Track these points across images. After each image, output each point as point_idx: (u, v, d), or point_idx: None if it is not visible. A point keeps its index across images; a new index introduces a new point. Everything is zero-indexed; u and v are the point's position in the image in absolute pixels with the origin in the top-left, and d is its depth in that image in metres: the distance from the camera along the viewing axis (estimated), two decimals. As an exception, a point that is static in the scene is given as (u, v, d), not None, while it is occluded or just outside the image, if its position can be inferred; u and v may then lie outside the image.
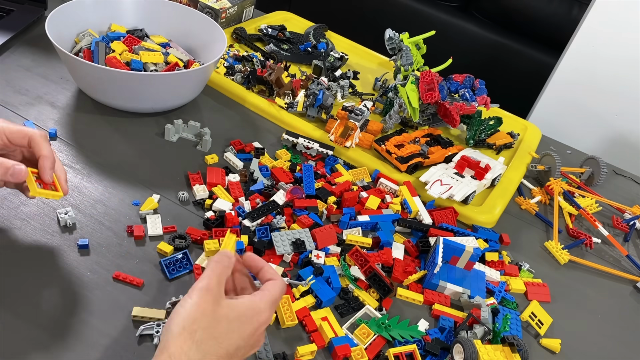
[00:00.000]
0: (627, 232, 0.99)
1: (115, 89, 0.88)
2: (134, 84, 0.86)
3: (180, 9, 1.06)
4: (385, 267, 0.77)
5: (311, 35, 1.31)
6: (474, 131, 1.07)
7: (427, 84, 0.97)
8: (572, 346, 0.74)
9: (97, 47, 0.92)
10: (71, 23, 0.96)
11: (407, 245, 0.80)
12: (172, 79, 0.89)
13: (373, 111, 1.09)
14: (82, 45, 0.95)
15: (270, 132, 0.99)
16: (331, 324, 0.66)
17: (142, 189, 0.79)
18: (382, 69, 1.30)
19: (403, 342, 0.67)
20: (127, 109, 0.93)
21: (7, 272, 0.63)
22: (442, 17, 2.15)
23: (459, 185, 0.89)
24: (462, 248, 0.73)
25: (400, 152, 0.95)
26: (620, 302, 0.85)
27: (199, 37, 1.04)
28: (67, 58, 0.85)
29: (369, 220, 0.81)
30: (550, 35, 2.03)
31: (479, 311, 0.71)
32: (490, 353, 0.64)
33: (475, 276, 0.76)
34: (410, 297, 0.74)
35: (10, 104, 0.88)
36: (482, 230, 0.87)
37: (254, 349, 0.53)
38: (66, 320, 0.60)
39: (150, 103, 0.91)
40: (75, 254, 0.67)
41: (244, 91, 1.05)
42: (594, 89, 1.56)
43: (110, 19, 1.03)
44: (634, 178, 1.17)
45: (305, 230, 0.76)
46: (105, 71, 0.85)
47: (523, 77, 2.05)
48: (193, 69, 0.92)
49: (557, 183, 1.01)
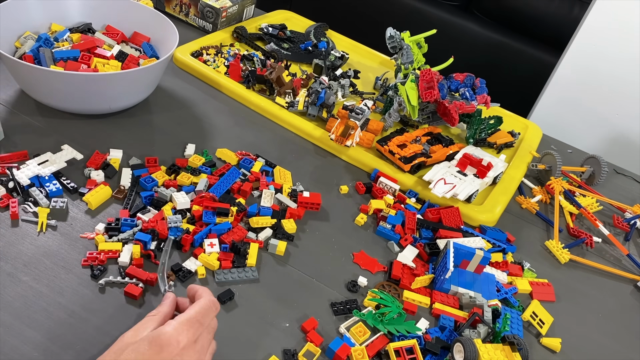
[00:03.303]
0: (627, 231, 0.99)
1: (74, 92, 0.84)
2: (92, 85, 0.83)
3: (126, 4, 1.02)
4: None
5: (312, 34, 1.31)
6: (474, 130, 1.07)
7: (427, 83, 0.97)
8: (572, 345, 0.74)
9: (44, 54, 0.88)
10: (9, 24, 0.90)
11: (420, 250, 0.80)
12: (131, 77, 0.85)
13: (374, 110, 1.09)
14: (26, 50, 0.90)
15: (270, 131, 0.99)
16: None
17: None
18: (382, 67, 1.30)
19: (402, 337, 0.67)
20: (82, 111, 0.89)
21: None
22: (443, 16, 2.15)
23: (462, 184, 0.89)
24: (473, 252, 0.73)
25: (403, 152, 0.95)
26: (620, 302, 0.85)
27: (150, 32, 1.02)
28: (17, 66, 0.81)
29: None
30: (551, 34, 2.03)
31: (481, 311, 0.71)
32: (491, 352, 0.64)
33: (485, 279, 0.76)
34: (417, 300, 0.74)
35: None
36: (490, 230, 0.87)
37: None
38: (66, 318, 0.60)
39: (107, 104, 0.88)
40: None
41: (245, 90, 1.05)
42: (594, 88, 1.56)
43: (51, 18, 0.98)
44: (634, 177, 1.17)
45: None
46: (64, 75, 0.81)
47: (524, 76, 2.04)
48: (149, 65, 0.87)
49: (558, 182, 1.01)
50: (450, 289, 0.74)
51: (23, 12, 0.93)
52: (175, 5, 1.26)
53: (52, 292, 0.63)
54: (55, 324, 0.60)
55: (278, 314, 0.67)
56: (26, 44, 0.91)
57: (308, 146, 0.99)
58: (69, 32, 0.98)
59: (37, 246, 0.68)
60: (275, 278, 0.72)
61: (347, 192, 0.90)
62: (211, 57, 1.13)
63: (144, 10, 1.01)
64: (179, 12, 1.26)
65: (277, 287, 0.71)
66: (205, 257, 0.70)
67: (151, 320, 0.54)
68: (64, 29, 0.98)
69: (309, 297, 0.71)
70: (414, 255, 0.79)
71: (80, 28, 1.00)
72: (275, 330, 0.66)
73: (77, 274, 0.66)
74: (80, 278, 0.65)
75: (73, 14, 1.01)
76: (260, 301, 0.68)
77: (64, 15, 0.99)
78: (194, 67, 1.09)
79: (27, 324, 0.59)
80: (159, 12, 1.00)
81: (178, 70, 1.10)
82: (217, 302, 0.58)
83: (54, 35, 0.96)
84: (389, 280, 0.76)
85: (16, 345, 0.57)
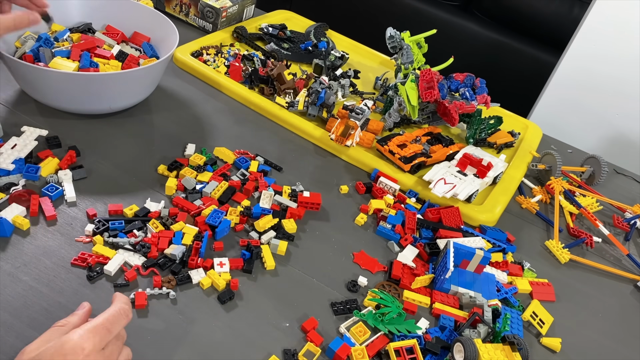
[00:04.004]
0: (627, 231, 0.99)
1: (74, 92, 0.84)
2: (92, 85, 0.83)
3: (126, 4, 1.02)
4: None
5: (312, 34, 1.31)
6: (474, 130, 1.07)
7: (427, 83, 0.97)
8: (572, 345, 0.74)
9: (44, 54, 0.89)
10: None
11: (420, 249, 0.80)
12: (131, 77, 0.85)
13: (374, 110, 1.09)
14: (26, 50, 0.90)
15: (270, 131, 0.99)
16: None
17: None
18: (382, 67, 1.30)
19: (403, 336, 0.67)
20: (82, 111, 0.89)
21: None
22: (443, 16, 2.15)
23: (462, 184, 0.89)
24: (473, 252, 0.73)
25: (403, 152, 0.95)
26: (620, 301, 0.85)
27: (150, 32, 1.02)
28: (20, 67, 0.81)
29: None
30: (551, 34, 2.03)
31: (481, 311, 0.71)
32: (491, 352, 0.64)
33: (485, 279, 0.76)
34: (417, 300, 0.74)
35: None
36: (490, 230, 0.87)
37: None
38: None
39: (107, 104, 0.88)
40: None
41: (245, 90, 1.05)
42: (594, 88, 1.56)
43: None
44: (634, 177, 1.17)
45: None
46: (66, 75, 0.81)
47: (524, 77, 2.05)
48: (150, 65, 0.87)
49: (558, 182, 1.01)
50: (450, 289, 0.74)
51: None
52: (175, 5, 1.26)
53: (52, 292, 0.63)
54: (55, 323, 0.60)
55: (278, 314, 0.67)
56: (26, 44, 0.91)
57: (308, 146, 0.99)
58: (69, 32, 0.98)
59: (37, 246, 0.68)
60: (275, 278, 0.72)
61: (347, 192, 0.90)
62: (211, 57, 1.13)
63: (144, 10, 1.01)
64: (179, 12, 1.26)
65: (277, 287, 0.71)
66: (215, 275, 0.69)
67: (57, 330, 0.52)
68: (64, 29, 0.98)
69: (309, 297, 0.71)
70: (414, 255, 0.79)
71: (80, 28, 1.00)
72: (275, 330, 0.66)
73: (77, 274, 0.66)
74: (80, 278, 0.65)
75: (73, 14, 1.01)
76: (260, 301, 0.68)
77: (64, 15, 0.99)
78: (194, 67, 1.09)
79: (27, 323, 0.59)
80: (159, 12, 1.00)
81: (178, 70, 1.10)
82: (129, 311, 0.55)
83: (54, 35, 0.96)
84: (389, 280, 0.76)
85: (16, 345, 0.57)
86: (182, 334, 0.62)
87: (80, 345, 0.49)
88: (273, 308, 0.68)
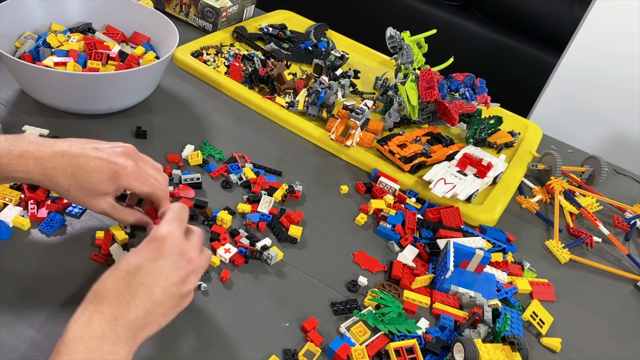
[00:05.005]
0: (627, 231, 0.99)
1: (73, 92, 0.84)
2: (92, 85, 0.84)
3: (126, 4, 1.02)
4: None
5: (312, 34, 1.31)
6: (474, 130, 1.07)
7: (427, 83, 0.97)
8: (572, 345, 0.74)
9: (44, 54, 0.89)
10: (9, 24, 0.90)
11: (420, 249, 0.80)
12: (131, 77, 0.85)
13: (374, 110, 1.09)
14: (25, 50, 0.90)
15: (270, 131, 0.99)
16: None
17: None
18: (382, 67, 1.30)
19: (403, 336, 0.67)
20: (82, 111, 0.89)
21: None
22: (444, 16, 2.15)
23: (462, 184, 0.89)
24: (473, 252, 0.73)
25: (403, 152, 0.95)
26: (620, 301, 0.85)
27: (149, 32, 1.02)
28: (19, 67, 0.81)
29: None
30: (551, 34, 2.03)
31: (481, 311, 0.71)
32: (491, 352, 0.64)
33: (485, 279, 0.76)
34: (417, 300, 0.74)
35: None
36: (490, 230, 0.87)
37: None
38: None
39: (107, 104, 0.89)
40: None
41: (245, 90, 1.05)
42: (595, 88, 1.56)
43: (51, 18, 0.98)
44: (634, 177, 1.17)
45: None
46: (68, 75, 0.82)
47: (524, 76, 2.05)
48: (149, 65, 0.87)
49: (558, 182, 1.01)
50: (450, 289, 0.74)
51: (23, 12, 0.93)
52: (175, 5, 1.26)
53: (52, 292, 0.63)
54: (55, 323, 0.60)
55: (278, 313, 0.67)
56: (26, 44, 0.91)
57: (308, 146, 0.99)
58: (69, 32, 0.98)
59: (38, 245, 0.68)
60: (275, 278, 0.72)
61: (347, 192, 0.90)
62: (211, 57, 1.13)
63: (144, 10, 1.01)
64: (179, 12, 1.26)
65: (277, 287, 0.71)
66: (217, 260, 0.71)
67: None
68: (64, 29, 0.98)
69: (309, 297, 0.71)
70: (414, 255, 0.79)
71: (80, 28, 1.00)
72: (275, 330, 0.66)
73: (80, 271, 0.66)
74: (82, 278, 0.65)
75: (73, 14, 1.01)
76: (260, 301, 0.68)
77: (64, 15, 0.99)
78: (194, 67, 1.09)
79: (27, 323, 0.59)
80: (159, 12, 1.00)
81: (178, 70, 1.10)
82: (185, 205, 0.62)
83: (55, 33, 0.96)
84: (389, 280, 0.76)
85: (16, 345, 0.57)
86: (182, 333, 0.62)
87: (168, 229, 0.56)
88: (273, 308, 0.68)
